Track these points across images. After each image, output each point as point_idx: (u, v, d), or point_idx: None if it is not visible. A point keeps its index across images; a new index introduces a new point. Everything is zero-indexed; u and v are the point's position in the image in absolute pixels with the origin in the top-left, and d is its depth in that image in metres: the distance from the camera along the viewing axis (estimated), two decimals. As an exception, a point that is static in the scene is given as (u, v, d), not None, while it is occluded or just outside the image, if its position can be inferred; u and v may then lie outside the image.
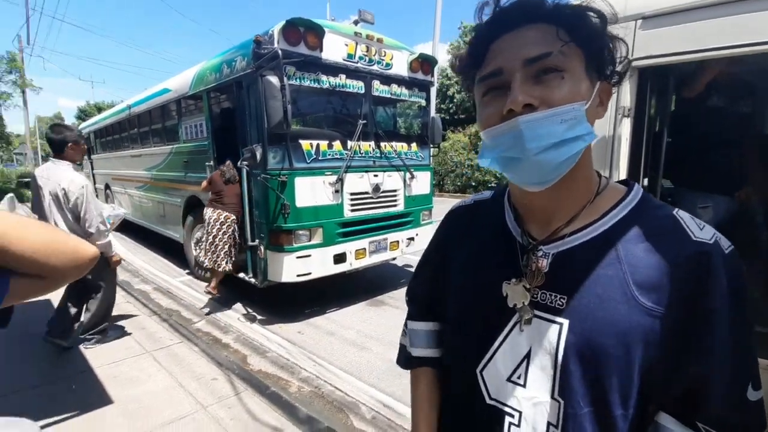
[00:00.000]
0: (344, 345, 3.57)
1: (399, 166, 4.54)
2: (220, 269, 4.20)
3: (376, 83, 4.24)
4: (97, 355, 3.23)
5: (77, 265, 0.69)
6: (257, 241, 3.85)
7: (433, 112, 5.30)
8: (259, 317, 4.16)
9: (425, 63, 4.66)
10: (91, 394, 2.71)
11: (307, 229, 3.76)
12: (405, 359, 0.85)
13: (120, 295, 4.64)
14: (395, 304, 4.47)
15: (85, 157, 10.87)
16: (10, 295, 0.62)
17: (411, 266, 5.95)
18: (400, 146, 4.61)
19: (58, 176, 2.93)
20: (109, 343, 3.46)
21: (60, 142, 3.01)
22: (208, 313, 4.24)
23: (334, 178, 3.88)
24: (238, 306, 4.48)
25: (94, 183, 10.03)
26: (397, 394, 2.85)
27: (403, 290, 4.91)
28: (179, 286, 5.21)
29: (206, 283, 4.56)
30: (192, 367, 3.12)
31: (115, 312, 4.08)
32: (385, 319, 4.12)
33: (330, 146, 3.92)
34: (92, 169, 10.01)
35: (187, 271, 5.72)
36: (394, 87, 4.45)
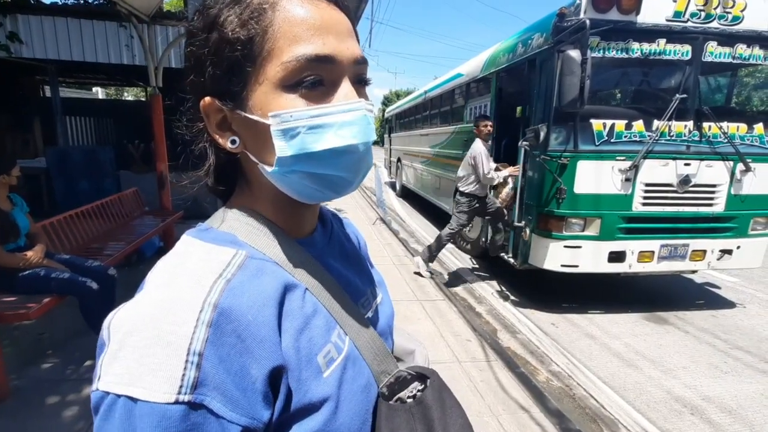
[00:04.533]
0: (606, 354, 3.16)
1: (727, 154, 3.44)
2: None
3: (710, 45, 3.28)
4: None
5: None
6: (523, 222, 3.82)
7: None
8: (512, 297, 4.21)
9: None
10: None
11: (581, 218, 3.44)
12: None
13: (400, 249, 5.69)
14: (683, 327, 3.56)
15: (385, 134, 13.67)
16: None
17: (716, 286, 4.56)
18: (734, 127, 3.46)
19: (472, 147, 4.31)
20: (393, 284, 4.30)
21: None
22: (466, 282, 4.61)
23: (626, 164, 3.33)
24: (493, 282, 4.66)
25: (390, 156, 12.48)
26: (673, 435, 2.32)
27: (697, 313, 3.92)
28: (443, 252, 5.87)
29: (466, 254, 4.95)
30: (451, 323, 3.49)
31: (397, 263, 5.05)
32: (666, 340, 3.36)
33: (628, 126, 3.36)
34: (390, 145, 12.42)
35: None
36: (741, 48, 3.32)
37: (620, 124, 3.38)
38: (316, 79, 0.41)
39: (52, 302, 2.45)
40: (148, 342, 0.35)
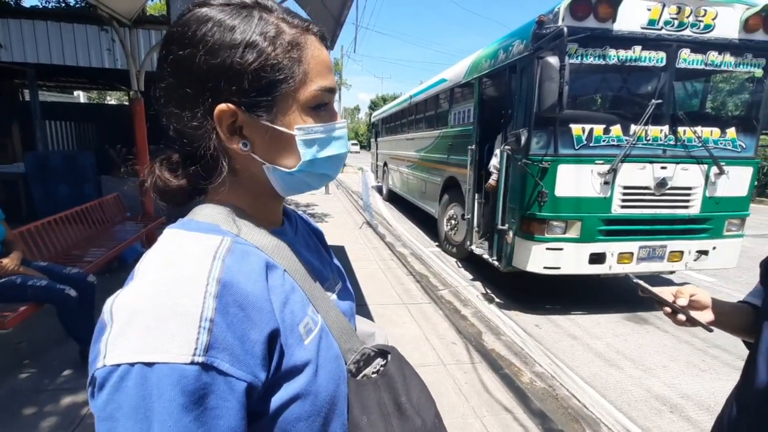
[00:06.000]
0: (589, 354, 3.21)
1: (701, 158, 3.55)
2: None
3: (684, 52, 3.39)
4: (371, 294, 4.09)
5: None
6: (507, 225, 3.87)
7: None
8: (497, 300, 4.25)
9: None
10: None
11: (563, 221, 3.50)
12: None
13: (386, 252, 5.70)
14: (663, 327, 3.64)
15: (372, 139, 13.70)
16: None
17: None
18: (708, 132, 3.58)
19: None
20: (379, 288, 4.31)
21: None
22: (451, 285, 4.65)
23: (605, 167, 3.41)
24: (478, 284, 4.70)
25: (376, 161, 12.51)
26: (653, 432, 2.37)
27: (677, 313, 3.97)
28: (429, 255, 5.91)
29: (452, 257, 4.98)
30: (436, 326, 3.51)
31: (383, 267, 5.06)
32: (646, 340, 3.44)
33: (606, 131, 3.45)
34: (377, 149, 12.45)
35: (436, 243, 6.41)
36: (713, 55, 3.44)
37: (599, 129, 3.46)
38: (327, 103, 0.53)
39: (29, 310, 2.39)
40: (160, 314, 0.39)
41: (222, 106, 0.47)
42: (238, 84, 0.47)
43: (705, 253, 3.75)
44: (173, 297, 0.40)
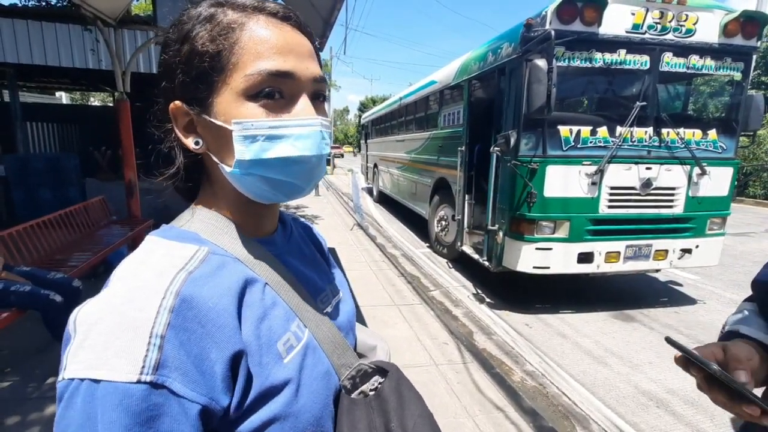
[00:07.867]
0: (578, 352, 3.26)
1: (684, 159, 3.64)
2: None
3: (667, 56, 3.48)
4: (362, 295, 4.08)
5: None
6: (496, 226, 3.91)
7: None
8: (487, 300, 4.28)
9: (750, 23, 3.46)
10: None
11: (552, 221, 3.55)
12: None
13: (377, 254, 5.70)
14: (649, 324, 3.71)
15: (361, 140, 13.70)
16: None
17: (678, 284, 4.78)
18: (690, 133, 3.67)
19: None
20: (370, 290, 4.30)
21: None
22: (442, 285, 4.67)
23: (592, 168, 3.47)
24: (469, 285, 4.73)
25: (366, 162, 12.51)
26: (640, 427, 2.41)
27: (661, 310, 4.10)
28: (420, 256, 5.93)
29: (443, 258, 5.00)
30: (428, 327, 3.52)
31: (374, 268, 5.06)
32: (633, 337, 3.50)
33: (593, 133, 3.51)
34: (366, 151, 12.45)
35: (427, 244, 6.43)
36: (694, 58, 3.54)
37: (586, 130, 3.52)
38: (274, 90, 0.45)
39: (12, 317, 2.33)
40: (113, 328, 0.36)
41: (171, 105, 0.47)
42: (174, 79, 0.46)
43: (689, 251, 3.84)
44: (128, 309, 0.37)
